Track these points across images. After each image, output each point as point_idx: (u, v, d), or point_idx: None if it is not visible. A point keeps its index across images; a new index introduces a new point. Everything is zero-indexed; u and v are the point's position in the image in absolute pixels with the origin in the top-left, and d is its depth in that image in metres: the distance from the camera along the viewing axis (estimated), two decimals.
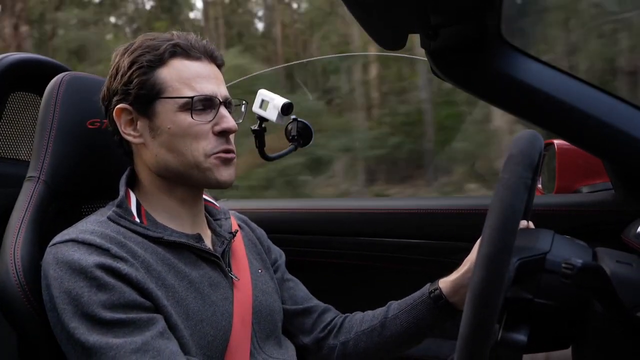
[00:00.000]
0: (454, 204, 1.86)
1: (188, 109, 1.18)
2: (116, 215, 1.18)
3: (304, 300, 1.48)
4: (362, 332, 1.40)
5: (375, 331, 1.39)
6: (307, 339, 1.44)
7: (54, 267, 1.07)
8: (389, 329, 1.37)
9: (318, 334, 1.44)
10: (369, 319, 1.42)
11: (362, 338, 1.40)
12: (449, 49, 1.32)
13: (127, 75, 1.19)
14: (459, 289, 1.30)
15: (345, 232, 1.96)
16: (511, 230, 0.78)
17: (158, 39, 1.21)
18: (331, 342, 1.43)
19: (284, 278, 1.50)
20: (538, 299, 0.95)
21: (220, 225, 1.37)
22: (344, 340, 1.41)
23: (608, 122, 1.32)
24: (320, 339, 1.44)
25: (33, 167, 1.28)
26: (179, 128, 1.18)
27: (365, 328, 1.40)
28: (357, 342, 1.40)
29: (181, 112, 1.18)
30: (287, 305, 1.46)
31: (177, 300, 1.13)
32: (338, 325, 1.45)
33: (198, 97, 1.18)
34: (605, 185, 1.75)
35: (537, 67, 1.34)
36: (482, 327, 0.76)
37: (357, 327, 1.42)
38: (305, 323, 1.46)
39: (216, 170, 1.21)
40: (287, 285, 1.50)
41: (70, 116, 1.30)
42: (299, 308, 1.46)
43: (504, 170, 0.84)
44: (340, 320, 1.46)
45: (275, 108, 1.53)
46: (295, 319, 1.46)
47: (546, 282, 0.96)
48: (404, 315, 1.36)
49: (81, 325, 1.03)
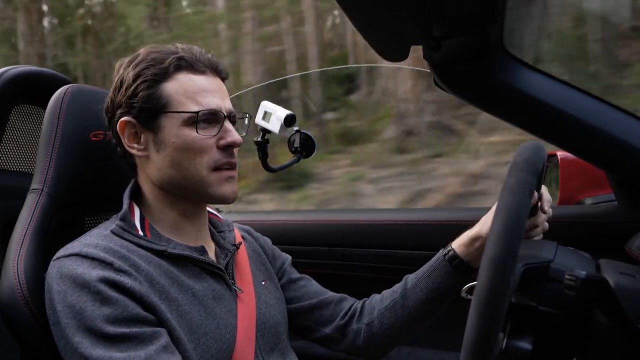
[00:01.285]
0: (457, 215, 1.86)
1: (193, 124, 1.17)
2: (120, 228, 1.18)
3: (318, 294, 1.48)
4: (384, 308, 1.40)
5: (397, 304, 1.38)
6: (329, 329, 1.44)
7: (58, 281, 1.07)
8: (410, 298, 1.37)
9: (339, 322, 1.44)
10: (389, 295, 1.42)
11: (385, 314, 1.39)
12: (451, 60, 1.33)
13: (132, 89, 1.18)
14: (471, 247, 1.31)
15: (346, 244, 1.96)
16: (516, 235, 0.78)
17: (162, 52, 1.21)
18: (355, 326, 1.43)
19: (293, 279, 1.50)
20: (542, 307, 0.96)
21: (224, 237, 1.37)
22: (368, 322, 1.41)
23: (611, 133, 1.32)
24: (342, 326, 1.43)
25: (36, 179, 1.28)
26: (184, 142, 1.18)
27: (387, 304, 1.40)
28: (381, 320, 1.40)
29: (186, 127, 1.18)
30: (301, 302, 1.46)
31: (180, 314, 1.12)
32: (359, 310, 1.45)
33: (203, 111, 1.18)
34: (609, 196, 1.75)
35: (539, 78, 1.34)
36: (487, 329, 0.76)
37: (379, 306, 1.42)
38: (324, 314, 1.45)
39: (219, 185, 1.21)
40: (299, 284, 1.49)
41: (74, 128, 1.31)
42: (314, 301, 1.46)
43: (508, 176, 0.84)
44: (360, 304, 1.46)
45: (278, 120, 1.54)
46: (313, 313, 1.45)
47: (550, 290, 0.97)
48: (422, 283, 1.36)
49: (85, 339, 1.02)
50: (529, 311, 0.96)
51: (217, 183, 1.21)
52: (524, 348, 0.92)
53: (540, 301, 0.96)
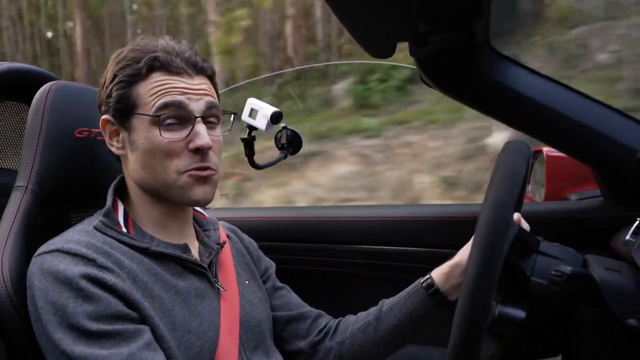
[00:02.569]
0: (447, 211, 1.87)
1: (157, 125, 1.15)
2: (103, 224, 1.17)
3: (297, 307, 1.48)
4: (357, 329, 1.40)
5: (370, 326, 1.38)
6: (303, 343, 1.43)
7: (39, 277, 1.06)
8: (384, 322, 1.36)
9: (314, 338, 1.43)
10: (363, 317, 1.42)
11: (357, 335, 1.39)
12: (437, 56, 1.33)
13: (109, 88, 1.18)
14: (450, 277, 1.31)
15: (336, 240, 1.96)
16: (516, 184, 0.81)
17: (142, 51, 1.18)
18: (327, 344, 1.42)
19: (276, 287, 1.50)
20: (534, 278, 0.96)
21: (209, 235, 1.36)
22: (340, 341, 1.41)
23: (597, 129, 1.33)
24: (316, 342, 1.43)
25: (21, 176, 1.27)
26: (152, 144, 1.15)
27: (360, 325, 1.40)
28: (353, 340, 1.39)
29: (154, 128, 1.15)
30: (280, 312, 1.45)
31: (163, 311, 1.12)
32: (333, 328, 1.45)
33: (166, 113, 1.15)
34: (594, 192, 1.76)
35: (525, 74, 1.35)
36: (486, 272, 0.76)
37: (352, 326, 1.41)
38: (300, 328, 1.45)
39: (190, 188, 1.18)
40: (280, 293, 1.49)
41: (59, 125, 1.30)
42: (293, 314, 1.45)
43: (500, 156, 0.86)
44: (335, 323, 1.46)
45: (264, 117, 1.54)
46: (290, 325, 1.45)
47: (541, 264, 0.98)
48: (397, 307, 1.36)
49: (66, 336, 1.01)
50: (522, 280, 0.97)
51: (188, 186, 1.17)
52: (517, 315, 0.93)
53: (532, 273, 0.97)
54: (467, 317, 0.77)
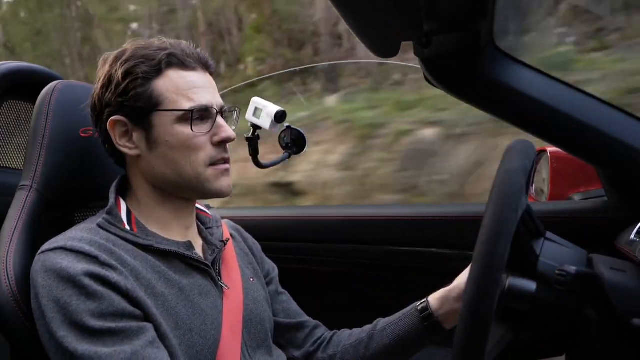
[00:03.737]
0: (449, 211, 1.86)
1: (186, 121, 1.17)
2: (106, 222, 1.17)
3: (297, 315, 1.49)
4: (349, 345, 1.41)
5: (362, 344, 1.39)
6: (298, 353, 1.44)
7: (42, 275, 1.06)
8: (376, 341, 1.37)
9: (309, 348, 1.44)
10: (357, 333, 1.42)
11: (349, 351, 1.40)
12: (442, 56, 1.33)
13: (122, 87, 1.16)
14: (445, 303, 1.31)
15: (338, 240, 1.96)
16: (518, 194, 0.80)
17: (152, 48, 1.19)
18: (320, 356, 1.43)
19: (278, 291, 1.50)
20: (543, 259, 0.97)
21: (212, 233, 1.36)
22: (332, 354, 1.42)
23: (601, 129, 1.33)
24: (310, 353, 1.44)
25: (25, 176, 1.28)
26: (178, 140, 1.17)
27: (352, 341, 1.41)
28: (344, 356, 1.40)
29: (179, 124, 1.17)
30: (280, 318, 1.45)
31: (166, 309, 1.12)
32: (327, 340, 1.45)
33: (196, 108, 1.17)
34: (598, 192, 1.76)
35: (530, 74, 1.35)
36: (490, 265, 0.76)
37: (345, 341, 1.42)
38: (298, 337, 1.46)
39: (216, 180, 1.21)
40: (281, 298, 1.49)
41: (63, 124, 1.30)
42: (292, 322, 1.46)
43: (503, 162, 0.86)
44: (329, 335, 1.47)
45: (268, 116, 1.54)
46: (288, 333, 1.46)
47: (548, 248, 0.98)
48: (390, 328, 1.36)
49: (70, 334, 1.02)
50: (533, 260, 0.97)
51: (213, 178, 1.20)
52: (528, 288, 0.92)
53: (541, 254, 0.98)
54: (484, 265, 0.77)
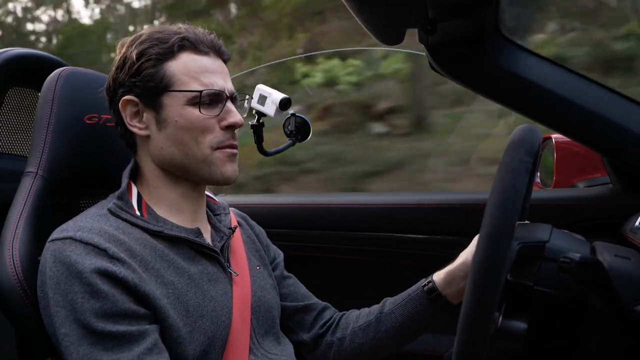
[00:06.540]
0: (452, 198, 1.86)
1: (196, 103, 1.18)
2: (117, 207, 1.18)
3: (304, 298, 1.48)
4: (358, 327, 1.40)
5: (370, 326, 1.39)
6: (307, 335, 1.44)
7: (51, 265, 1.07)
8: (384, 323, 1.37)
9: (318, 331, 1.44)
10: (365, 315, 1.42)
11: (357, 334, 1.40)
12: (447, 43, 1.33)
13: (135, 67, 1.18)
14: (452, 281, 1.30)
15: (344, 227, 1.96)
16: (513, 209, 0.79)
17: (166, 32, 1.21)
18: (328, 338, 1.43)
19: (284, 275, 1.50)
20: (538, 287, 0.96)
21: (220, 220, 1.36)
22: (341, 337, 1.41)
23: (607, 116, 1.33)
24: (319, 335, 1.44)
25: (31, 162, 1.28)
26: (187, 121, 1.18)
27: (361, 324, 1.40)
28: (353, 338, 1.40)
29: (189, 106, 1.18)
30: (288, 302, 1.45)
31: (177, 297, 1.12)
32: (335, 322, 1.45)
33: (207, 91, 1.19)
34: (603, 179, 1.76)
35: (535, 61, 1.35)
36: (484, 304, 0.77)
37: (354, 324, 1.42)
38: (306, 320, 1.46)
39: (222, 165, 1.21)
40: (287, 282, 1.49)
41: (68, 111, 1.30)
42: (300, 305, 1.46)
43: (505, 155, 0.85)
44: (338, 317, 1.47)
45: (273, 103, 1.53)
46: (296, 316, 1.46)
47: (546, 270, 0.97)
48: (398, 310, 1.36)
49: (72, 332, 1.03)
50: (524, 291, 0.96)
51: (220, 162, 1.21)
52: (519, 327, 0.93)
53: (536, 281, 0.96)
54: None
